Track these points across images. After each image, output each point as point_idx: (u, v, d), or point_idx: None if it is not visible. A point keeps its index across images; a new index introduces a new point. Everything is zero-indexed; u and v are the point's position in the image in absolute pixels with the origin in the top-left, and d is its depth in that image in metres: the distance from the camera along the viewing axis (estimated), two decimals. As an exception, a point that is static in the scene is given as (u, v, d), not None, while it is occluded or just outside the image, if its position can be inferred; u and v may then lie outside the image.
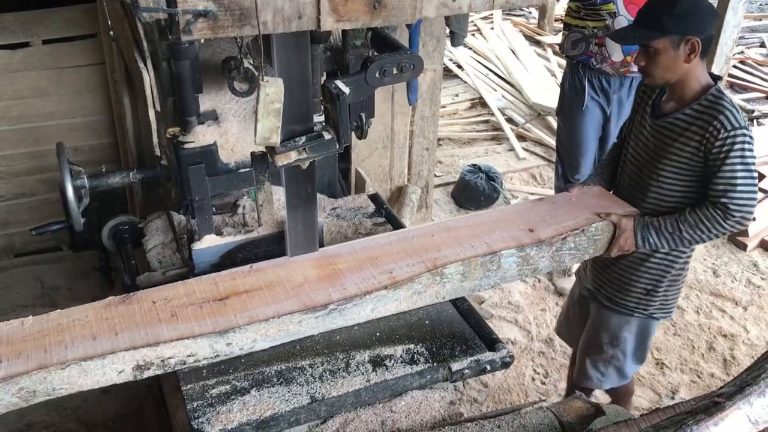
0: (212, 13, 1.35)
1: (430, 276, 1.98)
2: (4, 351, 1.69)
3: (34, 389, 1.65)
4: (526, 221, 2.21)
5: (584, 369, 2.69)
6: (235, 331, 1.79)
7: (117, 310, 1.84)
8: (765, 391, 1.69)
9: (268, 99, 1.71)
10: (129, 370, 1.73)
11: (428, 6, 1.56)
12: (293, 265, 2.03)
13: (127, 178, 2.40)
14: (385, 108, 3.55)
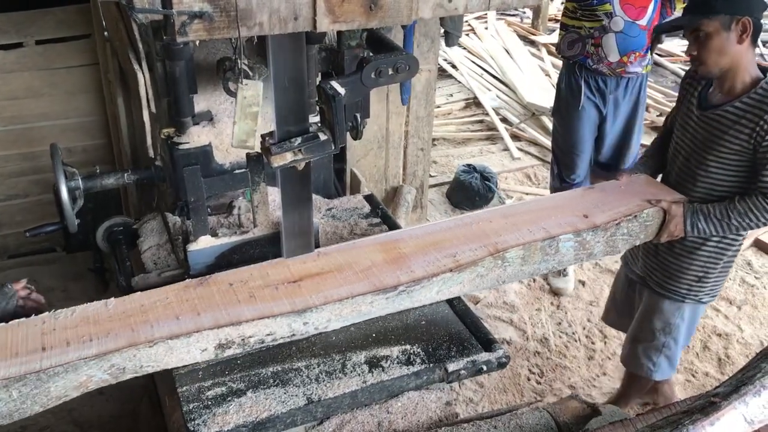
0: (208, 15, 1.35)
1: (492, 260, 2.06)
2: (92, 330, 1.76)
3: (124, 366, 1.73)
4: (580, 207, 2.29)
5: (636, 356, 2.75)
6: (312, 311, 1.87)
7: (196, 292, 1.92)
8: (760, 390, 1.70)
9: (246, 102, 1.72)
10: (211, 348, 1.81)
11: (424, 7, 1.56)
12: (359, 250, 2.11)
13: (122, 179, 2.39)
14: (380, 108, 3.55)
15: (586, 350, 3.57)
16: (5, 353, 1.68)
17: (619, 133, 3.78)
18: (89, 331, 1.76)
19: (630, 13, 3.45)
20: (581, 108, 3.68)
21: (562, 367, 3.45)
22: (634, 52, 3.52)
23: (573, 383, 3.36)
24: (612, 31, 3.47)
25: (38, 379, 1.63)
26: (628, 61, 3.53)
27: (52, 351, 1.69)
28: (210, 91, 2.33)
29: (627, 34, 3.47)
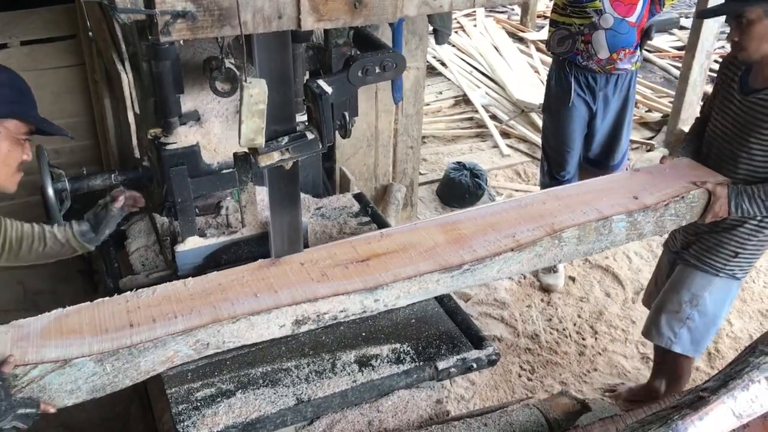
0: (191, 14, 1.34)
1: (550, 240, 2.13)
2: (176, 308, 1.83)
3: (208, 342, 1.79)
4: (629, 189, 2.37)
5: (658, 325, 2.80)
6: (383, 288, 1.93)
7: (270, 271, 1.99)
8: (748, 384, 1.71)
9: (252, 100, 1.70)
10: (289, 324, 1.87)
11: (409, 5, 1.55)
12: (420, 231, 2.17)
13: (109, 180, 2.38)
14: (368, 107, 3.54)
15: (577, 346, 3.57)
16: (95, 330, 1.76)
17: (609, 129, 3.79)
18: (173, 309, 1.83)
19: (619, 10, 3.45)
20: (571, 105, 3.68)
21: (553, 364, 3.46)
22: (623, 49, 3.52)
23: (564, 379, 3.37)
24: (602, 28, 3.47)
25: (130, 353, 1.71)
26: (618, 58, 3.54)
27: (139, 327, 1.77)
28: (197, 90, 2.31)
29: (616, 31, 3.48)
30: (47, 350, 1.69)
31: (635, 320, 3.75)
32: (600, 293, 3.95)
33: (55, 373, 1.66)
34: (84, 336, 1.73)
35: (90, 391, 1.73)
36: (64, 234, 2.05)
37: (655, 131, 5.66)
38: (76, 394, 1.71)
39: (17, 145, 1.70)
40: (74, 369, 1.67)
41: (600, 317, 3.76)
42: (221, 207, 2.29)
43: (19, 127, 1.69)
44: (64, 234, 2.05)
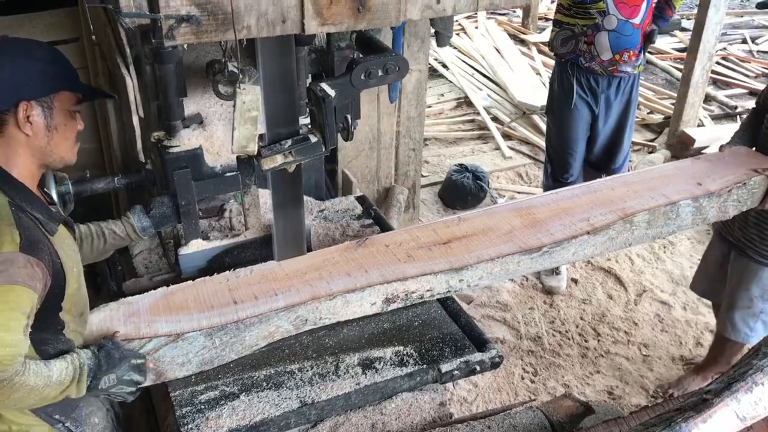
0: (195, 18, 1.35)
1: (622, 224, 2.22)
2: (275, 286, 1.92)
3: (307, 318, 1.88)
4: (692, 176, 2.46)
5: (734, 323, 2.87)
6: (467, 269, 2.01)
7: (358, 252, 2.06)
8: (752, 387, 1.70)
9: (245, 107, 1.72)
10: (379, 302, 1.95)
11: (412, 8, 1.56)
12: (496, 216, 2.25)
13: (112, 184, 2.39)
14: (370, 109, 3.55)
15: (580, 348, 3.57)
16: (201, 306, 1.85)
17: (611, 132, 3.79)
18: (272, 287, 1.92)
19: (624, 12, 3.44)
20: (573, 107, 3.67)
21: (556, 366, 3.45)
22: (627, 51, 3.51)
23: (567, 381, 3.36)
24: (605, 29, 3.45)
25: (237, 328, 1.80)
26: (621, 60, 3.52)
27: (243, 304, 1.86)
28: (200, 94, 2.32)
29: (620, 33, 3.46)
30: (159, 325, 1.79)
31: (637, 322, 3.75)
32: (602, 295, 3.94)
33: (169, 347, 1.76)
34: (192, 312, 1.84)
35: (199, 363, 1.82)
36: (124, 229, 2.10)
37: (657, 133, 5.66)
38: (186, 366, 1.81)
39: (71, 117, 1.73)
40: (186, 343, 1.77)
41: (602, 319, 3.76)
42: (224, 210, 2.29)
43: (70, 99, 1.72)
44: (123, 229, 2.10)
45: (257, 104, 1.73)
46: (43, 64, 1.65)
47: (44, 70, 1.64)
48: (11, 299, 1.47)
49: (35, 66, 1.63)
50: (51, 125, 1.67)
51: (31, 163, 1.69)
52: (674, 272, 4.15)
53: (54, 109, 1.68)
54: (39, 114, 1.63)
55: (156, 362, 1.75)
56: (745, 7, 9.42)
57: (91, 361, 1.64)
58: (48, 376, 1.55)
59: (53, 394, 1.58)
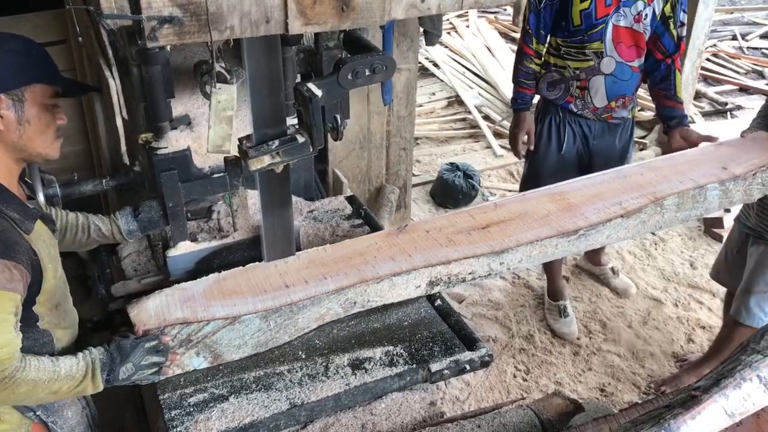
0: (178, 19, 1.34)
1: (653, 207, 2.30)
2: (323, 270, 2.02)
3: (355, 300, 1.98)
4: (717, 160, 2.53)
5: (748, 308, 2.92)
6: (508, 252, 2.10)
7: (399, 238, 2.15)
8: (740, 383, 1.70)
9: (220, 106, 1.72)
10: (423, 285, 2.05)
11: (397, 7, 1.55)
12: (531, 201, 2.33)
13: (100, 186, 2.37)
14: (361, 108, 3.54)
15: (571, 346, 3.58)
16: (255, 290, 1.95)
17: None
18: (321, 271, 2.01)
19: (623, 54, 3.03)
20: (563, 153, 3.30)
21: (548, 364, 3.46)
22: (623, 97, 3.14)
23: (559, 379, 3.37)
24: (602, 73, 3.07)
25: (290, 311, 1.90)
26: (616, 107, 3.16)
27: (294, 288, 1.95)
28: (188, 95, 2.31)
29: (617, 77, 3.07)
30: (215, 309, 1.88)
31: (628, 318, 3.76)
32: (592, 292, 3.95)
33: (226, 329, 1.86)
34: (246, 296, 1.92)
35: (254, 345, 1.93)
36: (109, 229, 2.09)
37: (648, 130, 5.68)
38: (242, 348, 1.92)
39: (46, 111, 1.70)
40: (242, 325, 1.87)
41: (593, 316, 3.77)
42: (213, 211, 2.28)
43: (45, 91, 1.68)
44: (109, 228, 2.09)
45: (233, 104, 1.72)
46: (14, 56, 1.61)
47: (15, 62, 1.61)
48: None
49: (6, 58, 1.60)
50: (22, 119, 1.64)
51: (7, 158, 1.66)
52: (665, 269, 4.16)
53: (25, 102, 1.64)
54: (9, 107, 1.60)
55: (214, 344, 1.86)
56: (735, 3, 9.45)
57: (103, 355, 1.69)
58: (54, 371, 1.60)
59: (65, 389, 1.63)
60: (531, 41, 3.16)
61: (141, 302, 1.92)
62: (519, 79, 3.29)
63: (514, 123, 3.37)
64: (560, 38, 3.11)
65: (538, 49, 3.18)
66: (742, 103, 6.36)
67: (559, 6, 3.03)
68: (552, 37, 3.16)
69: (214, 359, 1.90)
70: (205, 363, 1.90)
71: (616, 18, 2.97)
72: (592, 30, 2.99)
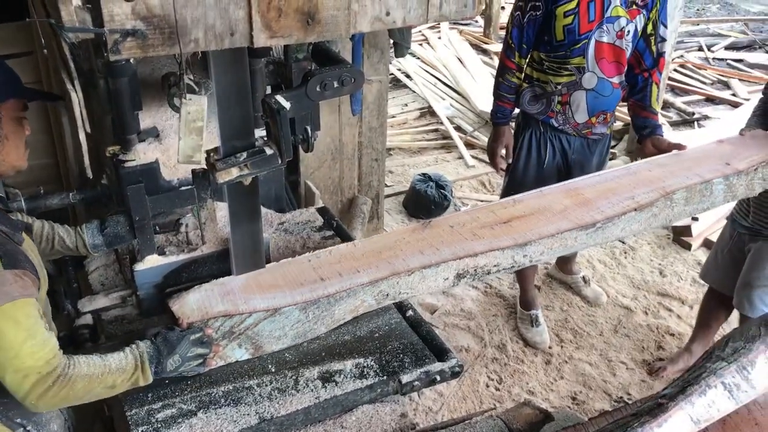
0: (141, 32, 1.33)
1: (664, 201, 2.41)
2: (356, 264, 2.09)
3: (388, 292, 2.05)
4: (720, 157, 2.65)
5: (751, 301, 3.04)
6: (531, 244, 2.19)
7: (425, 233, 2.23)
8: (705, 390, 1.73)
9: (190, 117, 1.72)
10: (451, 277, 2.13)
11: (362, 21, 1.56)
12: (547, 197, 2.44)
13: (67, 199, 2.34)
14: (332, 120, 3.54)
15: (543, 355, 3.60)
16: (292, 284, 2.02)
17: None
18: (354, 265, 2.08)
19: (605, 70, 3.06)
20: (544, 167, 3.30)
21: (520, 373, 3.47)
22: (603, 113, 3.18)
23: (531, 388, 3.39)
24: (583, 88, 3.08)
25: (328, 302, 1.98)
26: (596, 122, 3.19)
27: (329, 281, 2.02)
28: (156, 107, 2.29)
29: (599, 93, 3.09)
30: (256, 301, 1.95)
31: (599, 326, 3.79)
32: (564, 301, 3.98)
33: (267, 321, 1.93)
34: (284, 289, 2.00)
35: (294, 337, 2.00)
36: (74, 241, 2.08)
37: (617, 140, 5.75)
38: (282, 340, 1.99)
39: (19, 124, 1.74)
40: (283, 317, 1.94)
41: (565, 325, 3.80)
42: (181, 224, 2.26)
43: (16, 105, 1.72)
44: (73, 241, 2.07)
45: (202, 115, 1.72)
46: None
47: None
48: (19, 314, 1.55)
49: None
50: (1, 135, 1.66)
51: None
52: (635, 277, 4.21)
53: (3, 119, 1.66)
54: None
55: (255, 336, 1.94)
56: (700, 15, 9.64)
57: (150, 348, 1.75)
58: (105, 365, 1.66)
59: (119, 382, 1.69)
60: (513, 55, 3.15)
61: (182, 297, 1.97)
62: (500, 93, 3.27)
63: (493, 137, 3.36)
64: (543, 53, 3.11)
65: (519, 63, 3.17)
66: (708, 112, 6.47)
67: (542, 21, 3.04)
68: (534, 52, 3.16)
69: (255, 350, 1.98)
70: (246, 354, 1.97)
71: (598, 34, 3.00)
72: (575, 45, 3.01)
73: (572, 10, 2.94)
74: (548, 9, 2.99)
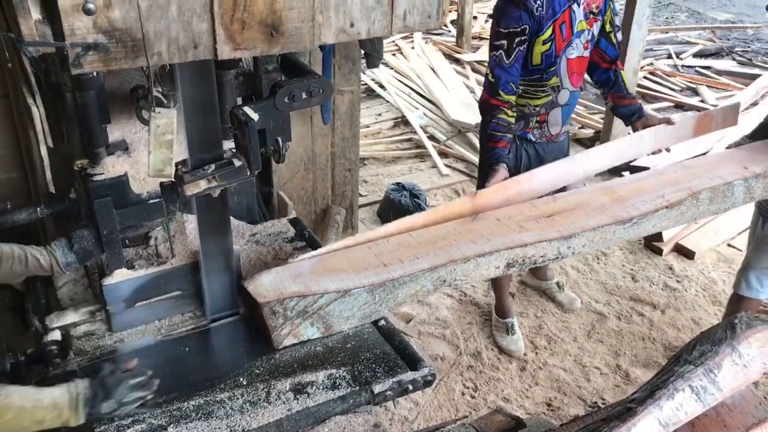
0: (103, 46, 1.32)
1: (691, 200, 2.57)
2: (414, 251, 2.20)
3: (445, 278, 2.16)
4: (738, 161, 2.81)
5: (748, 281, 3.21)
6: (575, 237, 2.33)
7: (474, 225, 2.36)
8: (673, 393, 1.75)
9: (159, 131, 1.71)
10: (502, 266, 2.25)
11: (327, 32, 1.56)
12: (585, 194, 2.61)
13: (35, 214, 2.32)
14: (304, 131, 3.54)
15: (518, 362, 3.61)
16: (357, 268, 2.12)
17: None
18: (413, 252, 2.19)
19: (574, 82, 3.16)
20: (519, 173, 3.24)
21: (495, 380, 3.49)
22: (570, 117, 3.36)
23: (506, 395, 3.40)
24: (558, 105, 3.19)
25: (393, 286, 2.09)
26: (565, 128, 3.35)
27: (391, 266, 2.12)
28: (125, 120, 2.27)
29: (570, 105, 3.25)
30: (326, 283, 2.04)
31: (573, 332, 3.82)
32: (538, 308, 4.01)
33: (338, 302, 2.04)
34: (350, 273, 2.09)
35: (361, 317, 2.11)
36: (48, 261, 2.03)
37: (588, 147, 5.81)
38: (350, 320, 2.10)
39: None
40: (352, 298, 2.05)
41: (539, 331, 3.82)
42: (150, 237, 2.24)
43: None
44: (47, 261, 2.03)
45: (172, 128, 1.71)
46: None
47: None
48: None
49: None
50: None
51: None
52: (608, 283, 4.25)
53: None
54: None
55: (326, 316, 2.04)
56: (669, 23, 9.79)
57: (87, 390, 1.71)
58: (38, 399, 1.62)
59: (49, 419, 1.63)
60: (499, 95, 3.02)
61: (256, 278, 2.07)
62: (494, 133, 3.03)
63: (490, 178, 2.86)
64: (521, 78, 3.09)
65: (509, 100, 3.04)
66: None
67: (525, 53, 3.01)
68: None
69: (326, 329, 2.08)
70: (317, 333, 2.07)
71: (569, 51, 3.06)
72: (551, 68, 3.06)
73: (549, 37, 2.99)
74: (531, 41, 2.99)
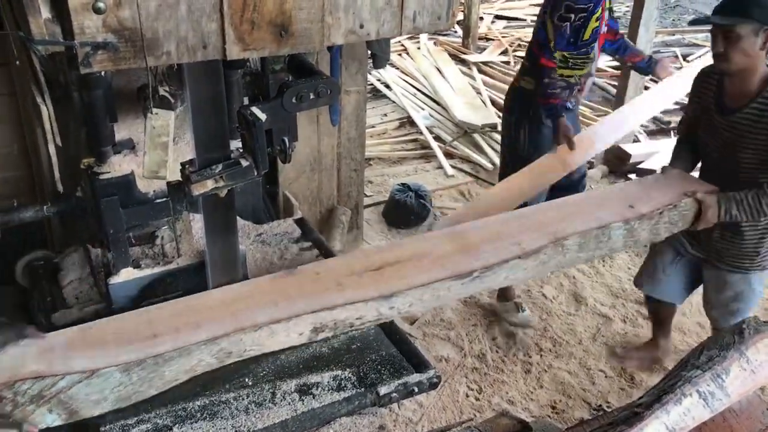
0: (112, 45, 1.32)
1: (554, 247, 2.24)
2: (198, 317, 1.85)
3: (231, 350, 1.83)
4: (625, 199, 2.52)
5: (715, 320, 3.13)
6: (397, 296, 1.99)
7: (287, 281, 2.02)
8: (681, 398, 1.74)
9: (155, 132, 1.71)
10: (307, 332, 1.91)
11: (336, 33, 1.56)
12: (429, 241, 2.28)
13: (41, 213, 2.33)
14: (311, 130, 3.54)
15: (523, 364, 3.60)
16: (120, 341, 1.78)
17: None
18: (196, 319, 1.85)
19: (597, 53, 3.49)
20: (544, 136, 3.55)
21: (500, 382, 3.47)
22: None
23: (511, 398, 3.38)
24: (591, 74, 3.53)
25: (155, 363, 1.74)
26: None
27: (162, 338, 1.79)
28: (131, 118, 2.28)
29: (592, 74, 3.56)
30: (73, 361, 1.71)
31: (578, 334, 3.81)
32: (543, 310, 3.99)
33: (83, 384, 1.69)
34: (110, 347, 1.77)
35: (115, 401, 1.76)
36: None
37: (595, 149, 5.79)
38: (102, 404, 1.75)
39: None
40: (101, 379, 1.70)
41: (544, 333, 3.80)
42: (156, 236, 2.24)
43: None
44: None
45: (168, 130, 1.71)
46: None
47: None
48: None
49: None
50: None
51: None
52: (613, 285, 4.23)
53: None
54: None
55: (68, 401, 1.68)
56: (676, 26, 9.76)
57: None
58: None
59: None
60: (554, 57, 3.38)
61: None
62: (551, 92, 3.41)
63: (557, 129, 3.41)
64: (567, 51, 3.35)
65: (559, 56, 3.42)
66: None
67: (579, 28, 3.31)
68: (559, 52, 3.39)
69: (69, 416, 1.72)
70: (59, 420, 1.71)
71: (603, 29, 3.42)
72: (594, 42, 3.37)
73: (600, 15, 3.31)
74: (588, 19, 3.28)
